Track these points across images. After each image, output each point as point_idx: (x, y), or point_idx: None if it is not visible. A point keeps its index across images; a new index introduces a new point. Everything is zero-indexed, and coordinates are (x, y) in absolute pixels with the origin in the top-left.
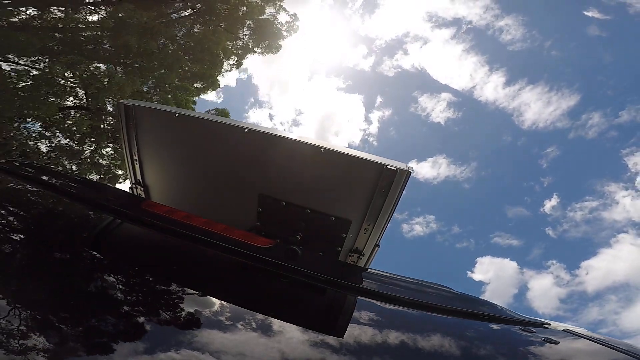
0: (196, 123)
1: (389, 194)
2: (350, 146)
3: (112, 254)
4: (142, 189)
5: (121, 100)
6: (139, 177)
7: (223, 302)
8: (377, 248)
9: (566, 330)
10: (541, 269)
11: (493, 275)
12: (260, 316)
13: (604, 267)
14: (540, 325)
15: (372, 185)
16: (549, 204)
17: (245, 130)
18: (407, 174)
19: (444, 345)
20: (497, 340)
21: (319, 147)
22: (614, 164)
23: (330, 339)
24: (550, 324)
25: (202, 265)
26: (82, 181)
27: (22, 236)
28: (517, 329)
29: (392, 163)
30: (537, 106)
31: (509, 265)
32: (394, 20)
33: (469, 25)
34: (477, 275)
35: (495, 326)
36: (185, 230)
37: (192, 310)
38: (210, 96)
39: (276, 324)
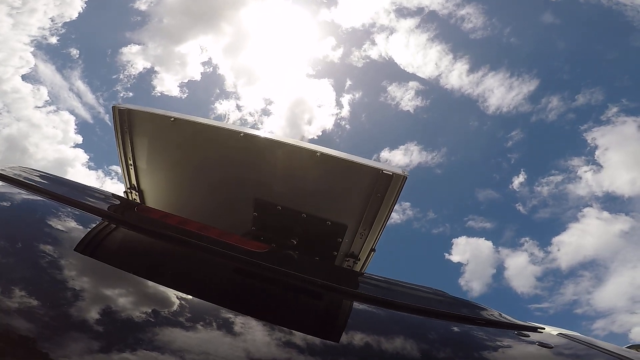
0: (192, 127)
1: (385, 199)
2: (323, 132)
3: (106, 258)
4: (137, 193)
5: (115, 104)
6: (133, 182)
7: (219, 307)
8: (372, 253)
9: (560, 335)
10: (516, 246)
11: (470, 256)
12: (256, 321)
13: (575, 242)
14: (534, 329)
15: (367, 190)
16: (517, 181)
17: (241, 134)
18: (403, 178)
19: (439, 350)
20: (492, 344)
21: (314, 152)
22: (574, 139)
23: (327, 344)
24: (544, 328)
25: (197, 270)
26: (77, 186)
27: (15, 241)
28: (512, 333)
29: (388, 168)
30: (500, 92)
31: (485, 245)
32: (360, 10)
33: (430, 9)
34: (455, 257)
35: (490, 330)
36: (180, 235)
37: (188, 315)
38: (174, 91)
39: (272, 328)
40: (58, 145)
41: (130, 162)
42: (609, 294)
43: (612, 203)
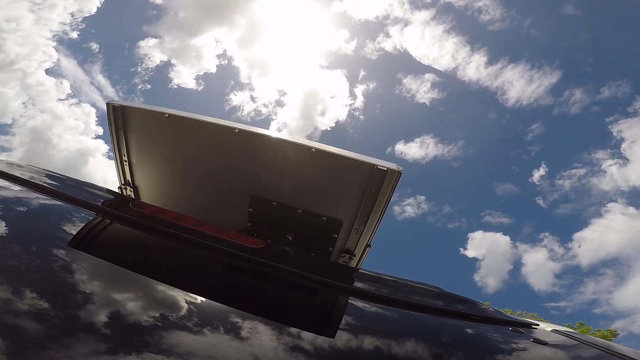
0: (186, 123)
1: (380, 194)
2: (337, 123)
3: (100, 254)
4: (131, 189)
5: (109, 101)
6: (128, 177)
7: (214, 303)
8: (368, 248)
9: (554, 331)
10: (534, 242)
11: (487, 251)
12: (251, 317)
13: (597, 238)
14: (529, 326)
15: (363, 186)
16: (537, 174)
17: (236, 130)
18: (397, 174)
19: (434, 346)
20: (487, 340)
21: (310, 148)
22: (599, 132)
23: (322, 340)
24: (538, 325)
25: (192, 266)
26: (71, 181)
27: (7, 237)
28: (507, 330)
29: (383, 163)
30: (519, 84)
31: (502, 240)
32: (373, 2)
33: (445, 0)
34: (471, 252)
35: (485, 327)
36: (175, 231)
37: (182, 312)
38: (191, 84)
39: (267, 325)
40: (80, 136)
41: (125, 158)
42: (631, 293)
43: (639, 198)
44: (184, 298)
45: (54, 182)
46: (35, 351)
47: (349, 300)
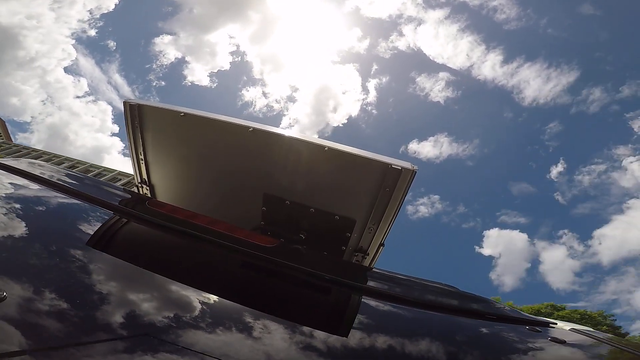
0: (201, 122)
1: (394, 194)
2: (349, 119)
3: (117, 252)
4: (147, 188)
5: (126, 100)
6: (144, 176)
7: (228, 301)
8: (381, 247)
9: (572, 330)
10: (553, 239)
11: (503, 249)
12: (264, 315)
13: (619, 235)
14: (546, 324)
15: (376, 185)
16: (555, 170)
17: (250, 129)
18: (412, 173)
19: (450, 346)
20: (504, 339)
21: (322, 147)
22: (619, 129)
23: (335, 339)
24: (556, 324)
25: (207, 264)
26: (88, 179)
27: (26, 235)
28: (524, 329)
29: (397, 162)
30: (536, 83)
31: (519, 238)
32: (387, 1)
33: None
34: (486, 250)
35: (502, 326)
36: (190, 229)
37: (196, 310)
38: (205, 81)
39: (281, 323)
40: (96, 133)
41: (141, 156)
42: None
43: None
44: (198, 296)
45: (73, 181)
46: (54, 348)
47: (363, 299)
